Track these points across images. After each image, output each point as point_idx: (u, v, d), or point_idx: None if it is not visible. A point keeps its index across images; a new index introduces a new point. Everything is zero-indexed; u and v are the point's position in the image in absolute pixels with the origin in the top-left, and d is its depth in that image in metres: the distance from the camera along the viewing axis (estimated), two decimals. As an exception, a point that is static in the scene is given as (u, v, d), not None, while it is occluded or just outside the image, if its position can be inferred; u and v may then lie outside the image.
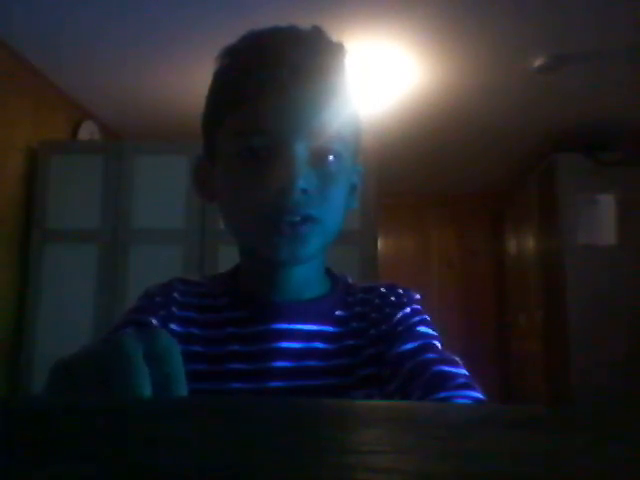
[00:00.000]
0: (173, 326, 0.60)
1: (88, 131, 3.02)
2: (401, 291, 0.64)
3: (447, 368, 0.53)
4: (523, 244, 4.12)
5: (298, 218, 0.54)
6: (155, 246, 2.49)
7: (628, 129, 3.22)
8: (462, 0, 2.12)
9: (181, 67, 2.56)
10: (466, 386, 0.50)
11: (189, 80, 2.61)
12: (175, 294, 0.62)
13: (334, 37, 0.60)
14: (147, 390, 0.34)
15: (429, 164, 4.03)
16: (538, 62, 2.55)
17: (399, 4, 2.13)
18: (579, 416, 0.28)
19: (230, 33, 0.60)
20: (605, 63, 2.56)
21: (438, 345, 0.58)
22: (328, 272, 0.67)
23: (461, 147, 3.67)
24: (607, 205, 3.19)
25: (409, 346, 0.56)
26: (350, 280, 0.68)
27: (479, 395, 0.50)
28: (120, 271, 2.47)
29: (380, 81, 2.72)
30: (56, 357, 0.52)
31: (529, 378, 3.95)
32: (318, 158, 0.55)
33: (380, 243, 2.87)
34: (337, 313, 0.62)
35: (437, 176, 4.35)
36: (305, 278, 0.61)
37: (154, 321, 0.59)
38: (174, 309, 0.61)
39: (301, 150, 0.54)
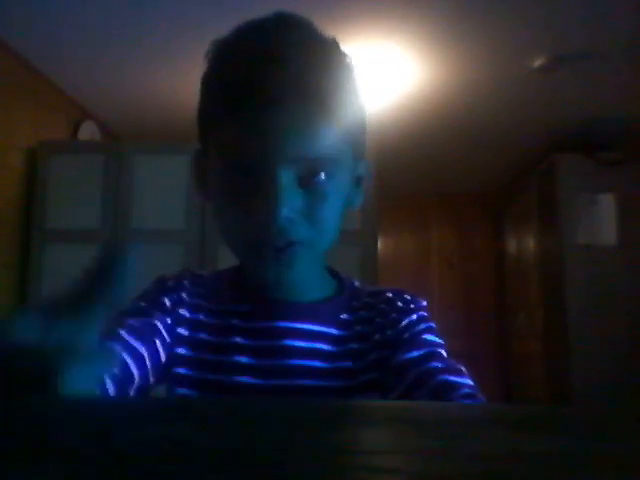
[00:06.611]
0: (182, 311, 0.60)
1: (88, 131, 3.02)
2: (408, 297, 0.63)
3: (452, 378, 0.52)
4: (523, 244, 4.12)
5: (284, 243, 0.53)
6: (155, 246, 2.49)
7: (628, 129, 3.22)
8: (462, 0, 2.12)
9: (181, 67, 2.56)
10: (470, 397, 0.50)
11: (189, 80, 2.61)
12: (185, 282, 0.63)
13: (335, 41, 0.56)
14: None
15: (429, 164, 4.03)
16: (538, 62, 2.55)
17: (399, 4, 2.13)
18: (578, 416, 0.28)
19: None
20: (605, 63, 2.56)
21: (443, 353, 0.57)
22: (333, 274, 0.66)
23: (461, 147, 3.67)
24: (607, 205, 3.19)
25: (414, 354, 0.56)
26: (357, 283, 0.67)
27: None
28: (120, 271, 2.46)
29: (379, 81, 2.72)
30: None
31: (529, 378, 3.95)
32: (307, 179, 0.53)
33: (380, 243, 2.87)
34: (342, 316, 0.62)
35: (437, 176, 4.35)
36: (303, 280, 0.60)
37: (167, 301, 0.60)
38: (184, 295, 0.61)
39: (287, 175, 0.51)
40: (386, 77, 2.69)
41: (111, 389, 0.46)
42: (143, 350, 0.53)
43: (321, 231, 0.55)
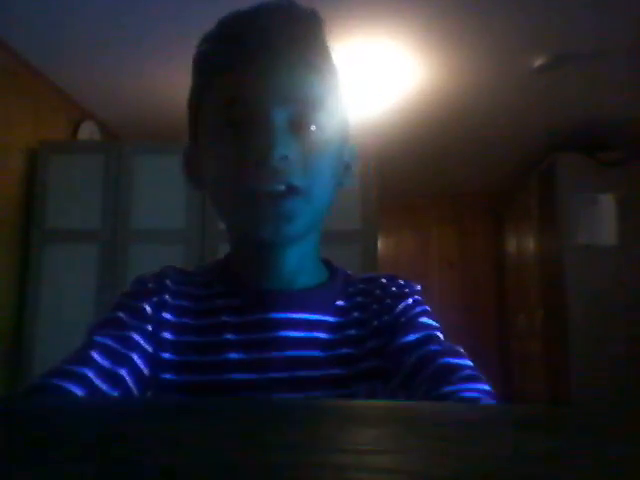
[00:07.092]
0: (166, 315, 0.58)
1: (88, 131, 3.02)
2: (402, 282, 0.63)
3: (452, 360, 0.52)
4: (523, 244, 4.11)
5: (281, 187, 0.52)
6: (155, 246, 2.49)
7: (628, 129, 3.22)
8: (462, 0, 2.12)
9: (181, 67, 2.56)
10: (472, 379, 0.50)
11: (189, 81, 2.61)
12: (168, 282, 0.60)
13: (309, 7, 0.58)
14: None
15: (429, 164, 4.03)
16: (538, 62, 2.55)
17: (399, 3, 2.13)
18: (579, 416, 0.28)
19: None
20: (605, 63, 2.56)
21: (440, 336, 0.57)
22: (326, 263, 0.65)
23: (461, 147, 3.67)
24: (607, 205, 3.19)
25: (412, 337, 0.55)
26: (349, 272, 0.66)
27: (485, 387, 0.49)
28: (120, 271, 2.46)
29: (380, 81, 2.72)
30: (56, 357, 0.52)
31: (529, 378, 3.95)
32: (299, 127, 0.53)
33: (380, 243, 2.87)
34: (338, 302, 0.61)
35: (437, 176, 4.35)
36: (297, 265, 0.59)
37: (147, 307, 0.57)
38: (167, 297, 0.59)
39: (280, 118, 0.52)
40: (386, 78, 2.69)
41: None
42: (123, 372, 0.51)
43: (316, 181, 0.54)
